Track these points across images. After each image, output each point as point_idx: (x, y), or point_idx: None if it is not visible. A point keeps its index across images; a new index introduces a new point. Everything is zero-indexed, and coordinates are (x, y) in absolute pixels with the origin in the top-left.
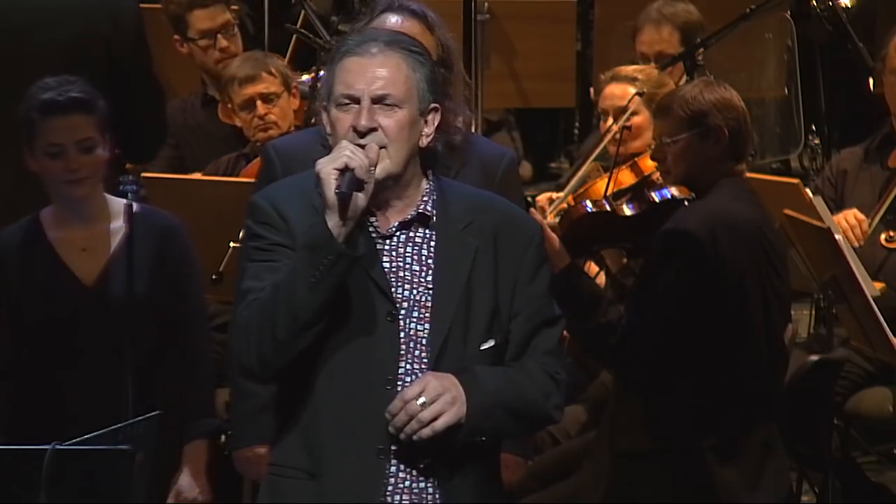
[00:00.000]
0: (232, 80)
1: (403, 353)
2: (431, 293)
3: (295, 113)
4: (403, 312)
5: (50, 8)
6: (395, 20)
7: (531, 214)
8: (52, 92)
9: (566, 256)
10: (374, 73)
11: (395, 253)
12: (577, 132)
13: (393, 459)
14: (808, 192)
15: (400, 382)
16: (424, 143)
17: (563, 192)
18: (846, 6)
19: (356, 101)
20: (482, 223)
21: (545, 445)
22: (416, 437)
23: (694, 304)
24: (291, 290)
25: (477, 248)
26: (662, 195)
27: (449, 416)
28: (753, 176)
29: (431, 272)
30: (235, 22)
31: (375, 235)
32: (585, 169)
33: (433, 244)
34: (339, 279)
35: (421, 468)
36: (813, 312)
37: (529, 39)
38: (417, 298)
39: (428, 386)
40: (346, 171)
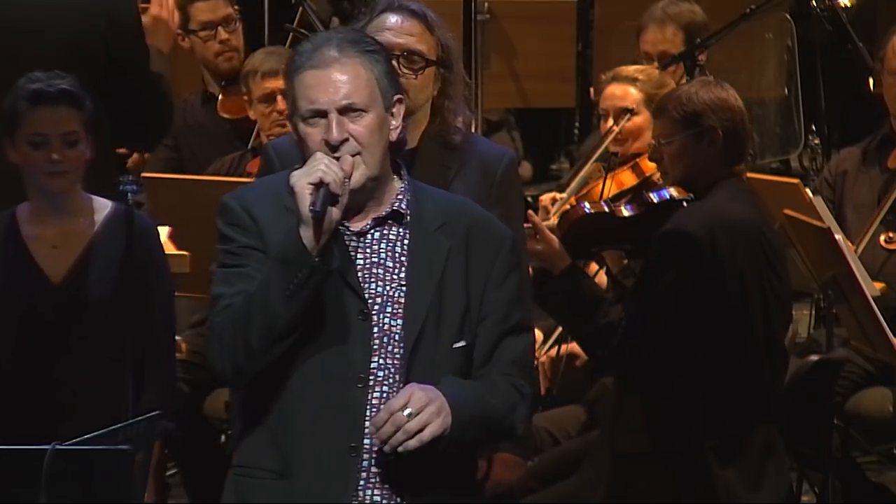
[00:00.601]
0: (254, 72)
1: (377, 348)
2: (405, 289)
3: None
4: (377, 308)
5: (48, 6)
6: (394, 20)
7: (529, 217)
8: (40, 83)
9: (566, 257)
10: (334, 83)
11: (368, 250)
12: (577, 132)
13: (365, 455)
14: (808, 192)
15: (372, 379)
16: (394, 136)
17: (564, 192)
18: (846, 6)
19: (323, 115)
20: (455, 225)
21: (545, 445)
22: (401, 448)
23: (693, 305)
24: (265, 300)
25: (450, 248)
26: (661, 196)
27: (435, 426)
28: (753, 176)
29: (404, 269)
30: (236, 17)
31: (349, 234)
32: (587, 170)
33: (406, 242)
34: (313, 291)
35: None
36: (813, 312)
37: (529, 39)
38: (391, 294)
39: (413, 396)
40: (320, 185)
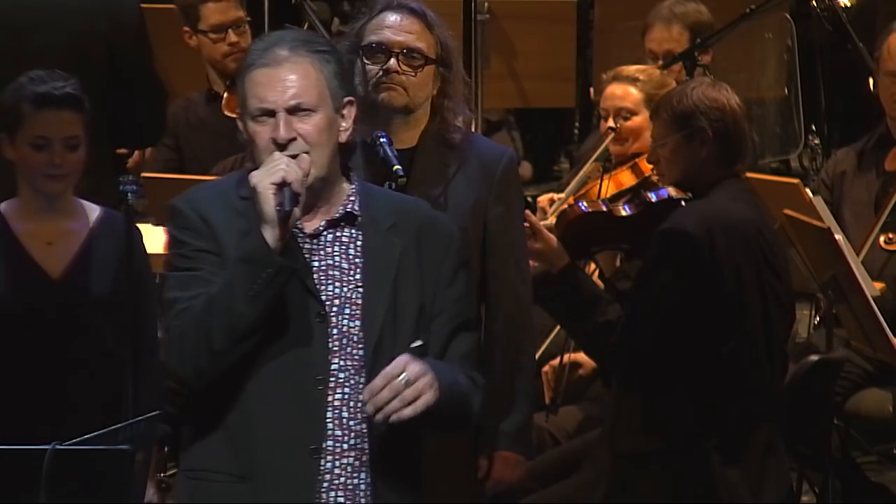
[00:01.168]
0: None
1: (337, 349)
2: (361, 290)
3: None
4: (335, 310)
5: (50, 7)
6: (394, 18)
7: (527, 217)
8: (46, 85)
9: (565, 256)
10: (283, 83)
11: (323, 252)
12: (577, 132)
13: (328, 456)
14: (808, 192)
15: (333, 380)
16: (344, 138)
17: (563, 192)
18: (846, 6)
19: (271, 114)
20: (406, 224)
21: (545, 445)
22: (394, 417)
23: (692, 304)
24: (228, 302)
25: (402, 247)
26: (659, 195)
27: (428, 397)
28: (753, 176)
29: (360, 270)
30: (246, 19)
31: (301, 235)
32: (586, 170)
33: (360, 243)
34: (277, 290)
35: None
36: (813, 312)
37: (529, 39)
38: (348, 296)
39: (409, 366)
40: (283, 185)
